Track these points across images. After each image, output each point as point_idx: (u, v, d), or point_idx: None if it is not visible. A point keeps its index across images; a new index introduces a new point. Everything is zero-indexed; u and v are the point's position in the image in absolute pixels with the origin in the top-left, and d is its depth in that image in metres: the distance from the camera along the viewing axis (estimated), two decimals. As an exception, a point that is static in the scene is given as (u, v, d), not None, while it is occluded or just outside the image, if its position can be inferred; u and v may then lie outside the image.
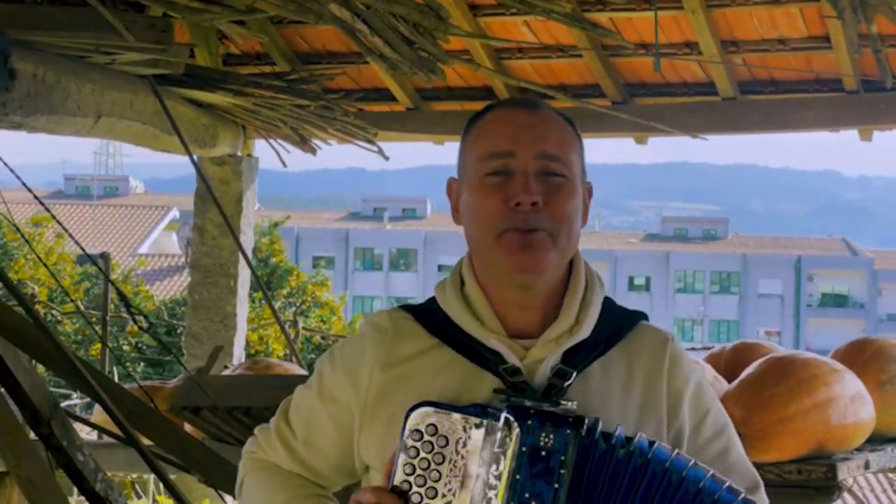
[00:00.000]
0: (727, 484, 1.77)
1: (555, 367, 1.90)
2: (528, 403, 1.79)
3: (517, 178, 1.90)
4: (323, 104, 6.91)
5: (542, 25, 6.85)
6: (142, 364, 21.79)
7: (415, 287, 53.02)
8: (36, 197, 4.57)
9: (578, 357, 1.93)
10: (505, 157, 1.91)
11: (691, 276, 57.50)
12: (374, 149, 7.56)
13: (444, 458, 1.77)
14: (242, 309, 8.14)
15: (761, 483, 2.03)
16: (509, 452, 1.75)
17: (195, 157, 7.47)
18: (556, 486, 1.74)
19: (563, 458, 1.75)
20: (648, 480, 1.75)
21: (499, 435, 1.76)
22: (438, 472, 1.76)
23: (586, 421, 1.77)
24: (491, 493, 1.75)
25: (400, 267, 56.98)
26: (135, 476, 7.63)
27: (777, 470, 4.30)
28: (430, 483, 1.76)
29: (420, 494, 1.76)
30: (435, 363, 1.94)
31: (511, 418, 1.76)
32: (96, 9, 4.22)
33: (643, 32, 6.83)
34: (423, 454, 1.77)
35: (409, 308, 2.06)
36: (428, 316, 2.01)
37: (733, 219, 75.27)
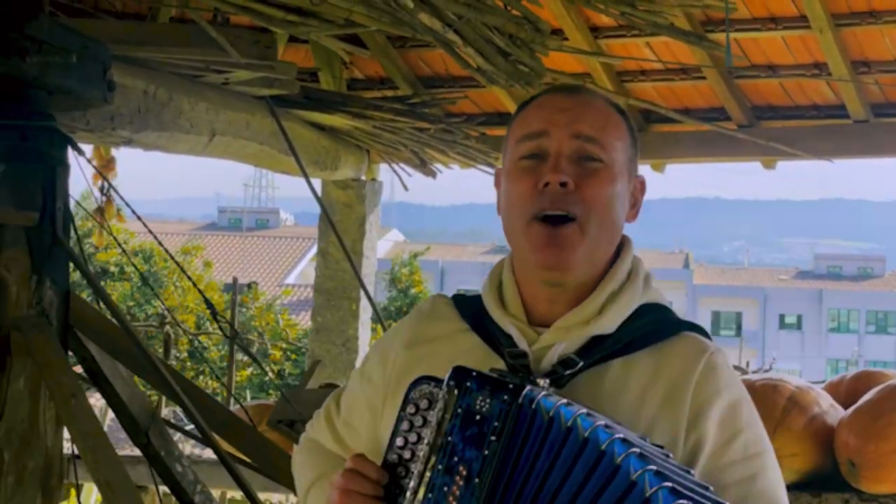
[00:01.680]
0: (666, 483, 1.56)
1: (563, 356, 1.82)
2: (475, 371, 1.70)
3: (550, 159, 1.83)
4: (443, 127, 6.90)
5: (664, 47, 6.73)
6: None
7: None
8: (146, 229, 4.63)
9: (595, 350, 1.84)
10: (539, 138, 1.85)
11: (845, 315, 55.71)
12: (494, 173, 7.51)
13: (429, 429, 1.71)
14: (364, 332, 8.17)
15: None
16: (447, 415, 1.68)
17: (314, 180, 7.60)
18: (486, 452, 1.63)
19: (496, 424, 1.64)
20: (583, 462, 1.60)
21: (443, 397, 1.69)
22: (430, 446, 1.70)
23: (526, 389, 1.66)
24: (427, 454, 1.68)
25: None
26: (238, 497, 7.69)
27: (893, 503, 4.11)
28: (418, 457, 1.70)
29: (406, 469, 1.71)
30: (458, 346, 1.90)
31: (453, 381, 1.69)
32: (201, 26, 4.29)
33: (770, 53, 6.64)
34: (415, 428, 1.71)
35: (456, 296, 2.04)
36: (467, 302, 2.00)
37: (891, 257, 72.79)
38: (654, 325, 1.89)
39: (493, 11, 3.72)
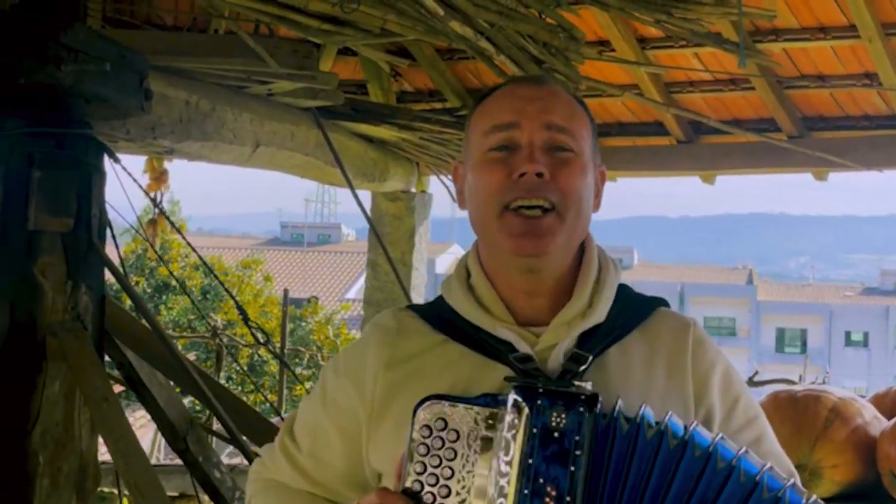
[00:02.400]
0: (792, 481, 1.62)
1: (569, 352, 1.80)
2: (537, 385, 1.67)
3: (522, 150, 1.81)
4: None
5: (712, 58, 6.68)
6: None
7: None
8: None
9: (594, 341, 1.82)
10: (509, 129, 1.83)
11: (913, 332, 54.79)
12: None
13: (455, 453, 1.65)
14: (414, 344, 8.17)
15: (796, 475, 1.87)
16: (519, 436, 1.62)
17: (364, 192, 7.64)
18: (573, 468, 1.60)
19: (577, 438, 1.61)
20: (687, 465, 1.60)
21: (507, 419, 1.63)
22: (451, 468, 1.64)
23: (601, 399, 1.64)
24: (503, 482, 1.61)
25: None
26: None
27: (936, 517, 4.03)
28: (442, 481, 1.64)
29: (433, 494, 1.65)
30: (442, 359, 1.85)
31: (519, 399, 1.64)
32: (240, 36, 4.34)
33: (819, 63, 6.57)
34: (433, 451, 1.65)
35: (414, 307, 1.98)
36: (433, 312, 1.93)
37: (961, 273, 71.43)
38: (633, 306, 1.90)
39: (525, 19, 3.72)
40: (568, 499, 1.59)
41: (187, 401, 9.63)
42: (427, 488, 1.65)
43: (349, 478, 1.90)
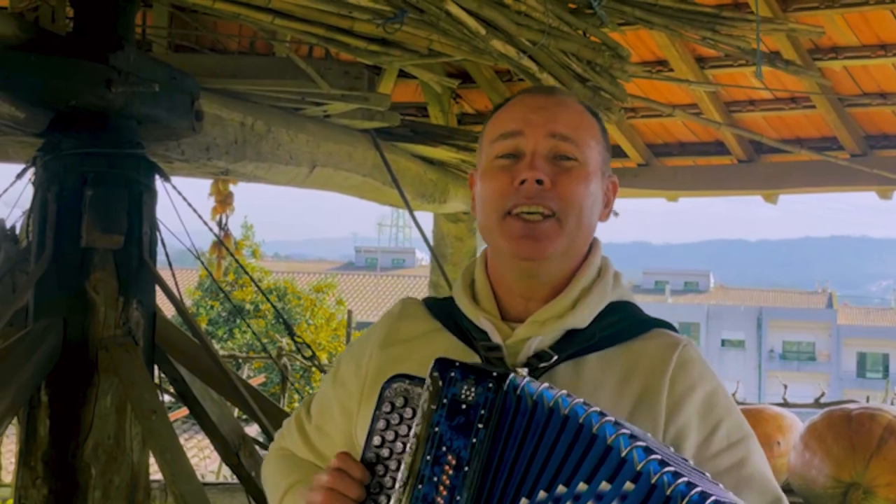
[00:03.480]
0: (660, 457, 1.55)
1: (538, 350, 1.84)
2: (458, 362, 1.69)
3: (526, 158, 1.86)
4: (549, 160, 6.92)
5: (772, 76, 6.64)
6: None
7: (697, 362, 51.73)
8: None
9: (569, 344, 1.86)
10: (515, 137, 1.88)
11: None
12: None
13: (409, 428, 1.70)
14: (473, 364, 8.19)
15: (784, 499, 1.88)
16: (428, 405, 1.67)
17: (425, 213, 7.70)
18: (474, 440, 1.62)
19: (482, 412, 1.63)
20: (570, 441, 1.59)
21: (427, 388, 1.68)
22: (403, 443, 1.70)
23: (510, 377, 1.66)
24: (415, 446, 1.66)
25: (682, 341, 55.69)
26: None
27: None
28: (395, 455, 1.70)
29: (385, 467, 1.71)
30: (432, 344, 1.91)
31: (436, 372, 1.68)
32: (291, 58, 4.43)
33: (881, 81, 6.50)
34: (391, 426, 1.71)
35: (426, 298, 2.08)
36: (438, 304, 2.02)
37: None
38: (626, 322, 1.92)
39: (568, 37, 3.75)
40: (466, 468, 1.62)
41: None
42: (381, 461, 1.71)
43: (346, 449, 1.92)
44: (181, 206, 4.06)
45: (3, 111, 3.35)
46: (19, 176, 3.76)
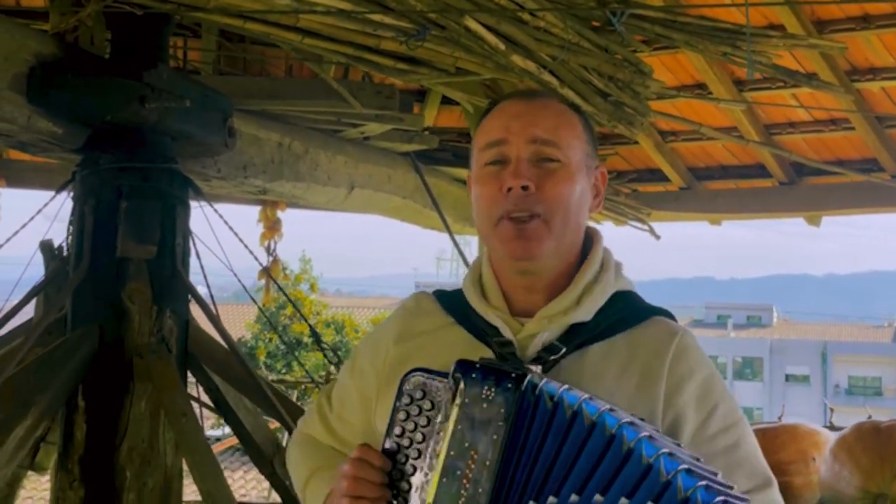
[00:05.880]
0: (687, 467, 1.65)
1: (547, 343, 1.94)
2: (478, 363, 1.81)
3: (511, 164, 1.96)
4: (592, 184, 6.97)
5: (811, 98, 6.66)
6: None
7: (760, 397, 51.15)
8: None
9: (575, 336, 1.95)
10: (500, 146, 1.98)
11: None
12: (646, 228, 7.55)
13: (429, 420, 1.82)
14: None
15: (774, 481, 1.97)
16: (454, 405, 1.78)
17: (468, 237, 7.79)
18: (495, 437, 1.74)
19: (502, 410, 1.75)
20: (592, 445, 1.70)
21: (449, 390, 1.80)
22: (423, 433, 1.82)
23: (528, 377, 1.77)
24: (439, 445, 1.78)
25: (745, 376, 55.16)
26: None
27: None
28: (415, 444, 1.82)
29: (406, 456, 1.83)
30: (445, 339, 2.02)
31: (458, 373, 1.80)
32: (323, 77, 4.56)
33: (920, 101, 6.50)
34: (411, 417, 1.83)
35: (437, 292, 2.17)
36: (449, 298, 2.12)
37: None
38: (628, 311, 2.01)
39: (588, 53, 3.83)
40: (487, 463, 1.74)
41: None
42: (402, 450, 1.84)
43: (365, 436, 2.07)
44: (233, 236, 4.21)
45: (41, 127, 3.51)
46: (59, 190, 3.93)
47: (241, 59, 6.05)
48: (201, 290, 4.06)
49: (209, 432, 15.61)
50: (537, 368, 1.87)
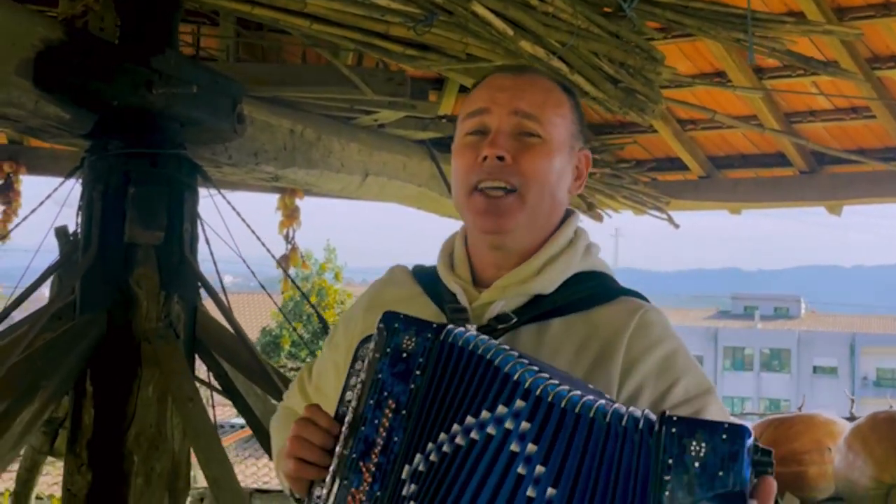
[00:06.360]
0: (556, 384, 1.63)
1: (501, 313, 1.92)
2: (402, 314, 1.79)
3: (490, 135, 1.94)
4: (611, 172, 6.95)
5: (832, 86, 6.60)
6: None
7: (788, 388, 50.91)
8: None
9: (534, 309, 1.93)
10: (481, 115, 1.95)
11: None
12: (665, 217, 7.51)
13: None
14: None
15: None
16: (374, 353, 1.77)
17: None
18: (412, 386, 1.73)
19: (420, 360, 1.73)
20: (489, 382, 1.68)
21: (374, 339, 1.79)
22: (362, 383, 1.79)
23: (448, 328, 1.75)
24: (359, 392, 1.77)
25: (773, 367, 54.87)
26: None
27: None
28: (360, 407, 1.79)
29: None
30: (412, 307, 1.96)
31: (382, 324, 1.78)
32: (334, 64, 4.55)
33: (942, 90, 6.43)
34: (358, 380, 1.80)
35: (416, 265, 2.17)
36: (423, 271, 2.12)
37: None
38: (594, 290, 1.99)
39: (598, 39, 3.81)
40: (404, 412, 1.73)
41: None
42: (349, 414, 1.80)
43: None
44: (256, 226, 4.22)
45: (49, 112, 3.52)
46: (69, 176, 3.94)
47: (259, 47, 6.06)
48: (226, 278, 4.07)
49: (231, 420, 15.68)
50: (472, 328, 1.80)
